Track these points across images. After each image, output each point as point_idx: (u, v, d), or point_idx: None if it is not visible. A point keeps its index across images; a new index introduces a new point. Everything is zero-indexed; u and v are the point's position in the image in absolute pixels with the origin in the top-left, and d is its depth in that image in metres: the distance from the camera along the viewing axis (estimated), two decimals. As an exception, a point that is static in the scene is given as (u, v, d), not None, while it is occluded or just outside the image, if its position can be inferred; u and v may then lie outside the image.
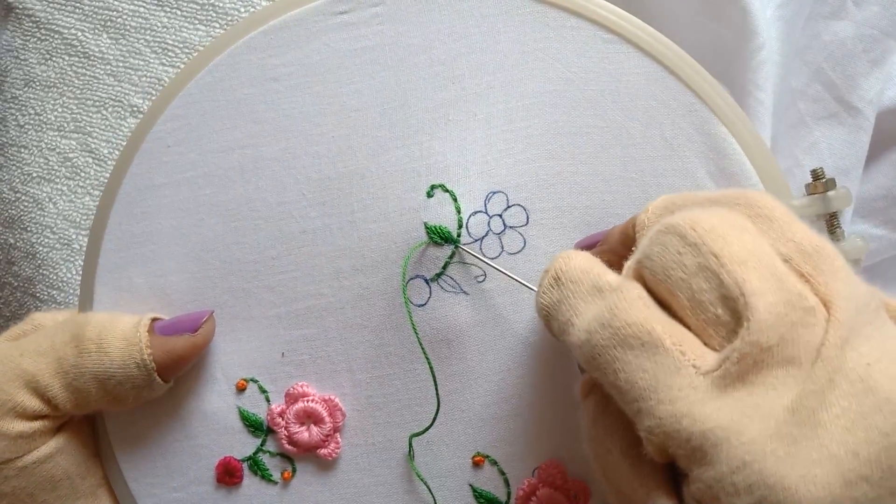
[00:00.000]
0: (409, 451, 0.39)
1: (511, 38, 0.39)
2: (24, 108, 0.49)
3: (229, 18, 0.48)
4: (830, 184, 0.38)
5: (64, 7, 0.48)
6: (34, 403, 0.36)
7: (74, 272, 0.49)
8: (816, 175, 0.38)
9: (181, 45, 0.48)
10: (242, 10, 0.48)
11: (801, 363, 0.27)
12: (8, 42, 0.49)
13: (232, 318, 0.40)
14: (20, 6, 0.48)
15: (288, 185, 0.40)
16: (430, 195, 0.39)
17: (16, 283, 0.50)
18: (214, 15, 0.48)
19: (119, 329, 0.37)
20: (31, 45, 0.49)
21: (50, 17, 0.48)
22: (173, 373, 0.38)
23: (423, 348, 0.38)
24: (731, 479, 0.26)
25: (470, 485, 0.39)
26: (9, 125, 0.49)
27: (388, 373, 0.39)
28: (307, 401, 0.39)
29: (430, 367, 0.38)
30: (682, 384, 0.27)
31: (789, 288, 0.27)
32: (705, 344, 0.28)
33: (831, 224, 0.38)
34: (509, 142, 0.39)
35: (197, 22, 0.48)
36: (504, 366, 0.39)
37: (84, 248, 0.47)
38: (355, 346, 0.39)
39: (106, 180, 0.45)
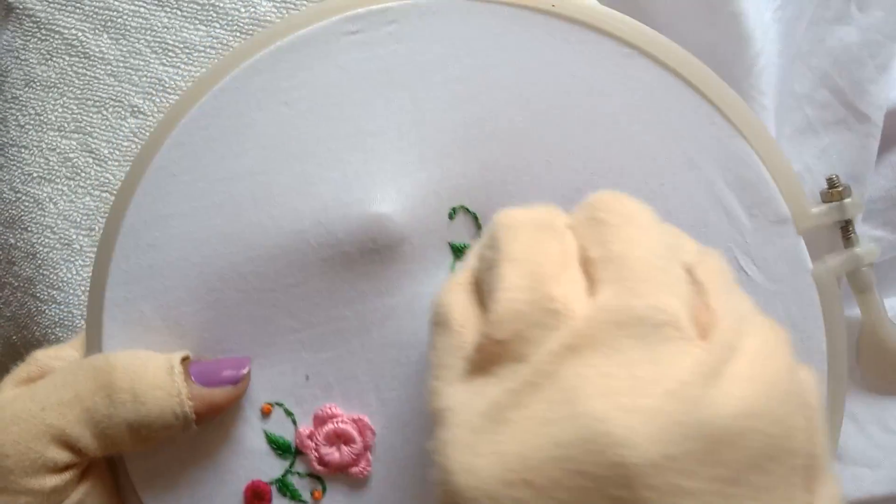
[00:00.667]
0: None
1: (528, 54, 0.38)
2: (24, 108, 0.48)
3: (230, 18, 0.47)
4: (846, 191, 0.39)
5: (64, 7, 0.47)
6: (64, 456, 0.35)
7: (75, 272, 0.48)
8: (832, 183, 0.39)
9: (181, 46, 0.47)
10: (243, 10, 0.47)
11: (530, 362, 0.27)
12: (8, 42, 0.48)
13: (252, 345, 0.39)
14: (20, 6, 0.47)
15: (304, 213, 0.38)
16: (451, 217, 0.39)
17: (16, 284, 0.49)
18: (215, 15, 0.47)
19: (152, 376, 0.36)
20: (31, 46, 0.48)
21: (50, 18, 0.47)
22: (209, 420, 0.38)
23: None
24: (436, 457, 0.27)
25: None
26: (9, 125, 0.48)
27: (418, 391, 0.39)
28: (337, 422, 0.39)
29: None
30: (450, 363, 0.29)
31: (541, 289, 0.28)
32: None
33: (846, 231, 0.39)
34: (528, 159, 0.39)
35: (197, 22, 0.47)
36: None
37: (84, 249, 0.46)
38: (381, 366, 0.39)
39: (107, 180, 0.45)
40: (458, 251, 0.39)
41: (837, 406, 0.39)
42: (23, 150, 0.49)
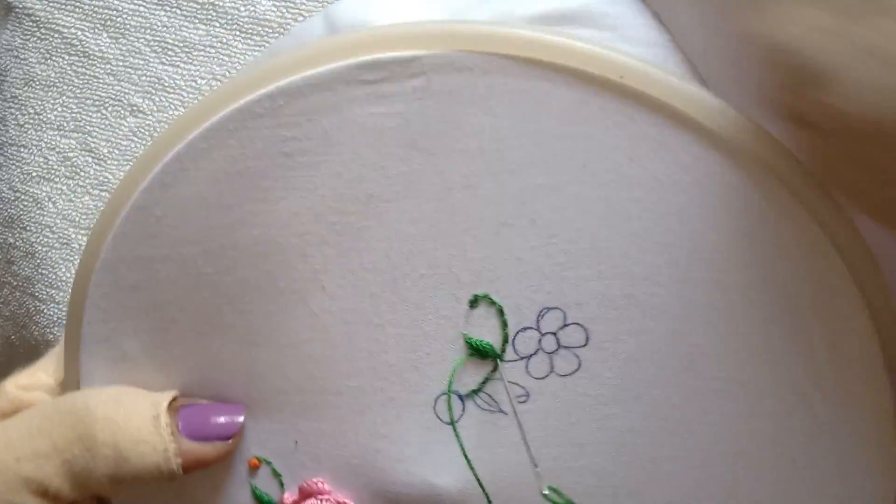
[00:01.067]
0: None
1: (585, 132, 0.31)
2: (23, 107, 0.49)
3: (229, 17, 0.46)
4: None
5: (64, 6, 0.48)
6: None
7: (73, 272, 0.47)
8: None
9: (181, 45, 0.47)
10: (243, 8, 0.46)
11: None
12: (8, 41, 0.49)
13: (245, 396, 0.36)
14: (20, 5, 0.48)
15: (304, 275, 0.34)
16: (473, 305, 0.33)
17: (15, 283, 0.50)
18: (214, 14, 0.46)
19: (136, 429, 0.33)
20: (30, 45, 0.48)
21: (50, 17, 0.48)
22: (196, 471, 0.35)
23: (478, 480, 0.34)
24: None
25: None
26: (8, 124, 0.49)
27: (408, 492, 0.35)
28: (322, 500, 0.35)
29: (486, 496, 0.34)
30: None
31: None
32: None
33: None
34: (573, 254, 0.32)
35: (197, 21, 0.47)
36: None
37: (83, 248, 0.44)
38: (373, 455, 0.35)
39: (106, 180, 0.47)
40: (474, 348, 0.33)
41: None
42: (22, 150, 0.49)
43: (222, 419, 0.35)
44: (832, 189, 0.30)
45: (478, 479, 0.34)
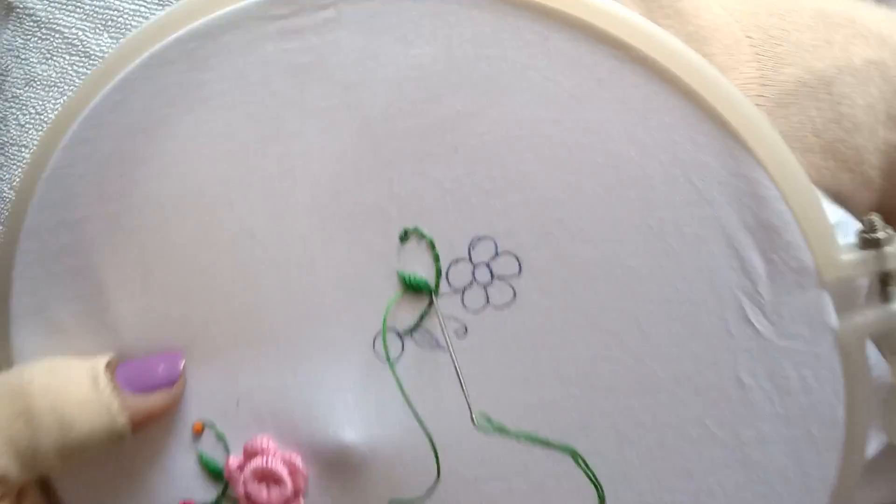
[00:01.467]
0: None
1: (500, 53, 0.31)
2: (24, 107, 0.47)
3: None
4: (888, 238, 0.31)
5: (65, 6, 0.47)
6: None
7: None
8: (872, 226, 0.31)
9: None
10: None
11: None
12: (9, 41, 0.48)
13: (184, 354, 0.35)
14: (21, 6, 0.47)
15: (232, 222, 0.33)
16: (403, 240, 0.33)
17: None
18: None
19: (75, 394, 0.32)
20: (31, 45, 0.47)
21: (51, 17, 0.47)
22: (145, 427, 0.34)
23: (415, 412, 0.34)
24: None
25: None
26: (9, 124, 0.48)
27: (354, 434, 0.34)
28: (266, 459, 0.35)
29: (428, 435, 0.34)
30: None
31: None
32: None
33: (884, 284, 0.32)
34: (498, 181, 0.32)
35: None
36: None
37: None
38: (316, 404, 0.34)
39: None
40: (408, 283, 0.32)
41: (851, 484, 0.34)
42: (23, 150, 0.48)
43: (161, 366, 0.34)
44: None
45: (419, 420, 0.34)
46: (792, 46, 0.35)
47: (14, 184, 0.47)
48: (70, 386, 0.32)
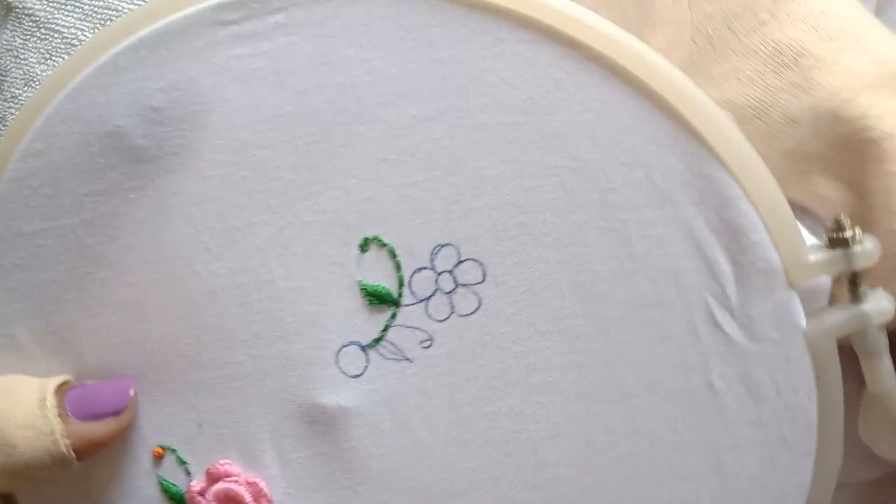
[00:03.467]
0: None
1: (452, 55, 0.30)
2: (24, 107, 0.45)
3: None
4: (856, 237, 0.31)
5: (64, 6, 0.46)
6: None
7: None
8: (839, 225, 0.31)
9: None
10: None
11: None
12: (8, 41, 0.46)
13: (142, 380, 0.34)
14: (20, 6, 0.46)
15: (187, 237, 0.32)
16: (363, 249, 0.32)
17: None
18: None
19: (21, 413, 0.31)
20: (30, 45, 0.46)
21: (50, 17, 0.45)
22: (92, 455, 0.33)
23: None
24: None
25: None
26: (9, 124, 0.44)
27: (322, 451, 0.34)
28: (229, 482, 0.34)
29: None
30: None
31: None
32: None
33: (853, 284, 0.31)
34: (457, 186, 0.31)
35: None
36: (457, 439, 0.34)
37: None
38: (281, 422, 0.34)
39: None
40: (371, 294, 0.32)
41: (826, 488, 0.33)
42: None
43: (109, 395, 0.33)
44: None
45: None
46: (728, 70, 0.35)
47: None
48: (17, 407, 0.32)
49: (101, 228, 0.33)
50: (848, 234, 0.31)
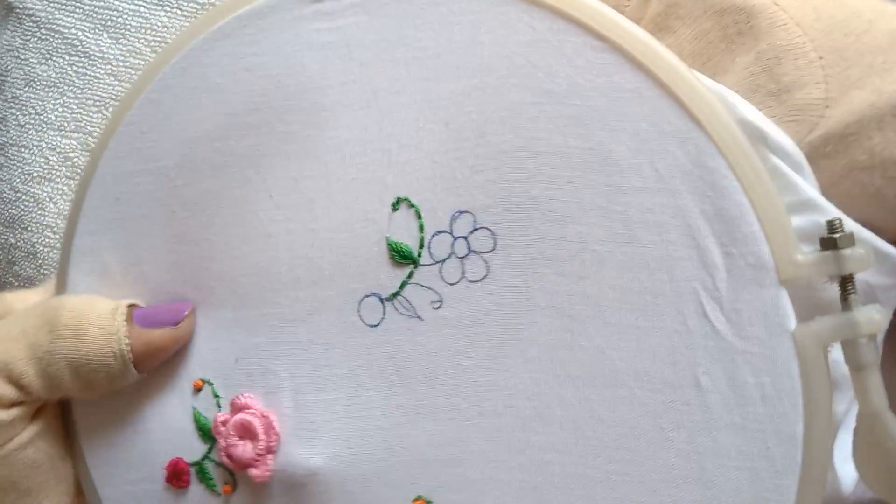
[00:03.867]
0: None
1: (493, 39, 0.35)
2: (24, 107, 0.49)
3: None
4: (846, 240, 0.32)
5: (64, 7, 0.48)
6: (9, 392, 0.35)
7: None
8: (832, 227, 0.32)
9: None
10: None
11: None
12: (8, 42, 0.48)
13: (197, 315, 0.38)
14: (21, 6, 0.48)
15: (256, 184, 0.37)
16: (395, 208, 0.36)
17: (16, 283, 0.50)
18: None
19: (95, 316, 0.36)
20: (31, 45, 0.48)
21: (50, 17, 0.48)
22: (150, 364, 0.37)
23: None
24: None
25: None
26: (9, 125, 0.49)
27: (331, 398, 0.36)
28: (247, 413, 0.37)
29: None
30: None
31: None
32: None
33: (844, 288, 0.32)
34: (481, 157, 0.35)
35: None
36: (453, 405, 0.35)
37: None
38: (301, 365, 0.37)
39: None
40: (395, 250, 0.35)
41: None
42: (23, 150, 0.49)
43: (170, 309, 0.38)
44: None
45: None
46: (863, 69, 0.36)
47: (14, 184, 0.49)
48: (93, 311, 0.36)
49: (188, 171, 0.38)
50: (837, 235, 0.32)
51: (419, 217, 0.35)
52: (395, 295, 0.36)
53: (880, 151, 0.35)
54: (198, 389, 0.38)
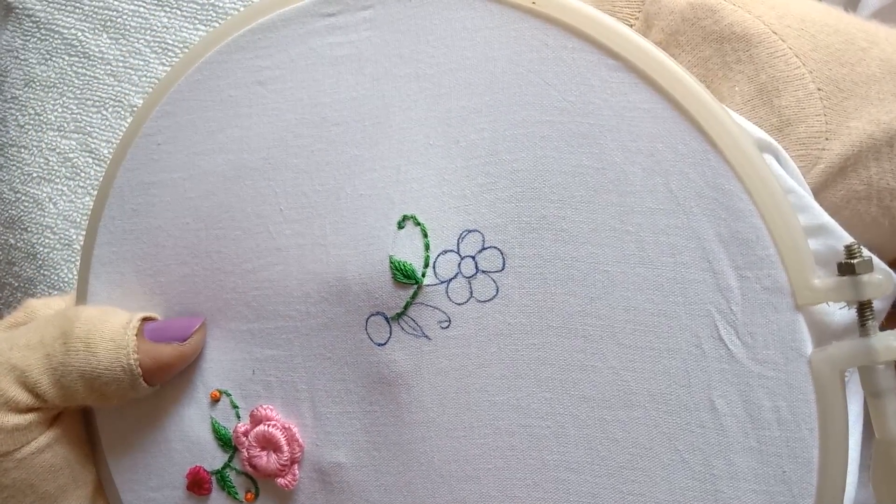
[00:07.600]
0: None
1: (505, 56, 0.34)
2: (24, 108, 0.49)
3: (229, 18, 0.46)
4: (865, 265, 0.31)
5: (64, 7, 0.48)
6: (25, 397, 0.36)
7: (75, 272, 0.49)
8: (851, 252, 0.32)
9: (181, 45, 0.48)
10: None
11: None
12: (8, 42, 0.49)
13: (212, 327, 0.38)
14: (20, 6, 0.48)
15: (267, 198, 0.37)
16: (400, 226, 0.35)
17: (17, 284, 0.50)
18: (214, 15, 0.48)
19: (108, 329, 0.36)
20: (31, 46, 0.49)
21: (50, 18, 0.48)
22: (159, 379, 0.37)
23: None
24: None
25: None
26: (9, 125, 0.49)
27: (348, 410, 0.36)
28: (269, 425, 0.37)
29: None
30: None
31: None
32: None
33: (862, 314, 0.31)
34: (492, 176, 0.34)
35: (197, 22, 0.48)
36: (465, 423, 0.35)
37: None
38: (318, 377, 0.37)
39: None
40: (397, 269, 0.35)
41: None
42: (22, 150, 0.50)
43: (180, 324, 0.38)
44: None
45: None
46: (859, 100, 0.36)
47: (14, 185, 0.49)
48: (107, 324, 0.36)
49: (202, 184, 0.38)
50: (856, 260, 0.31)
51: (425, 236, 0.35)
52: (399, 315, 0.35)
53: (877, 181, 0.35)
54: (215, 400, 0.38)
